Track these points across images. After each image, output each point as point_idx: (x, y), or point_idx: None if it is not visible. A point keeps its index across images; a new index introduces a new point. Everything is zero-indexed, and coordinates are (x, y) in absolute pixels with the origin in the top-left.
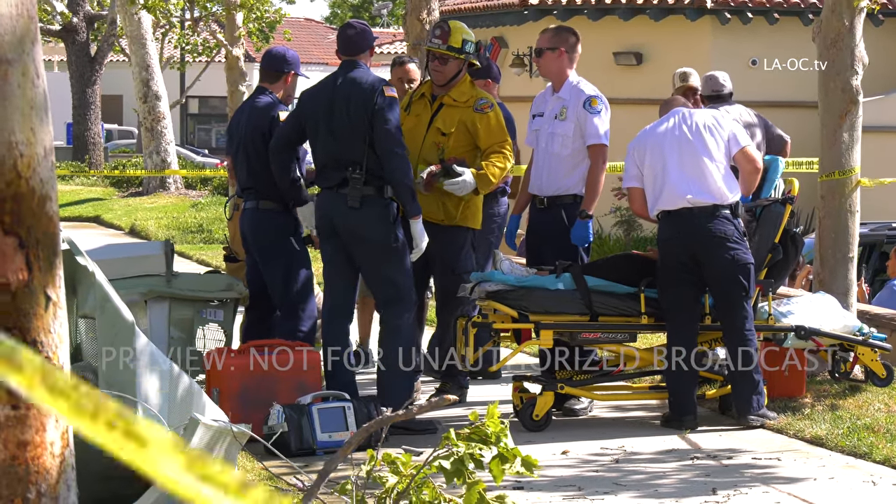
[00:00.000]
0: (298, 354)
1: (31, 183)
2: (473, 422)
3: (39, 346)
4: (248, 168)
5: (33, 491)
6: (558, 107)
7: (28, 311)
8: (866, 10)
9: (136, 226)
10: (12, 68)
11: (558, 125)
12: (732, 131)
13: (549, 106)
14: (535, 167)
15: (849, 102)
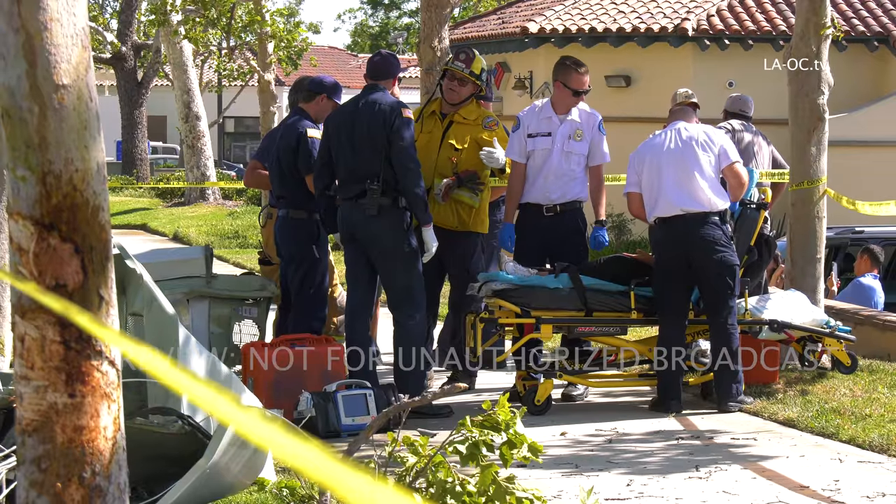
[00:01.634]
0: (324, 347)
1: (85, 195)
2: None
3: (94, 341)
4: (280, 180)
5: (88, 471)
6: (572, 129)
7: (85, 308)
8: (832, 37)
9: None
10: (68, 93)
11: (575, 145)
12: (723, 147)
13: (560, 128)
14: (541, 180)
15: (816, 119)
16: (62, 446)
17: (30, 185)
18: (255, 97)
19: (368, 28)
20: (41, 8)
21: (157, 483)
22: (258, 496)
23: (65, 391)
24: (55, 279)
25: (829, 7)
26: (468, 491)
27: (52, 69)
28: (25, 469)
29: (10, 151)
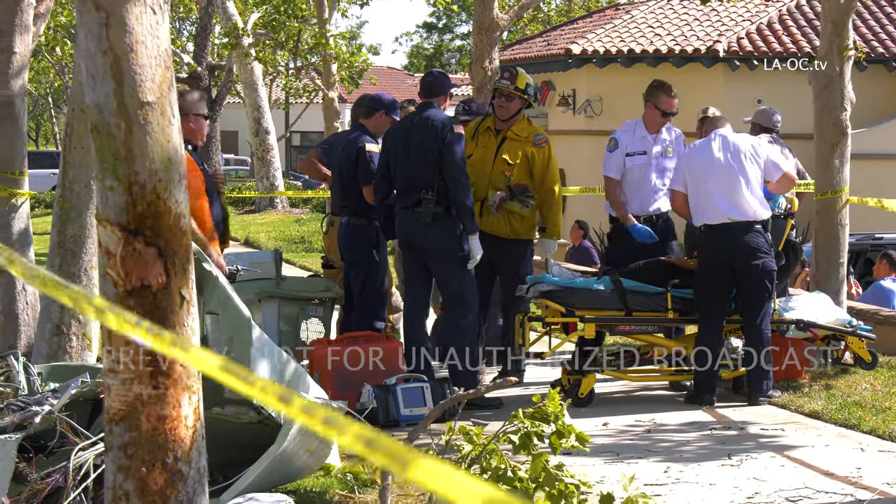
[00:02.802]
0: (384, 344)
1: (167, 203)
2: (536, 402)
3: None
4: (341, 190)
5: (171, 456)
6: (664, 147)
7: (166, 308)
8: (853, 58)
9: (250, 238)
10: (153, 109)
11: (666, 161)
12: (770, 158)
13: (654, 146)
14: (639, 194)
15: (839, 134)
16: (147, 434)
17: (117, 194)
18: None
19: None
20: (127, 31)
21: (232, 468)
22: (325, 480)
23: (149, 383)
24: (140, 280)
25: (850, 31)
26: (520, 477)
27: (138, 87)
28: (113, 455)
29: (99, 163)
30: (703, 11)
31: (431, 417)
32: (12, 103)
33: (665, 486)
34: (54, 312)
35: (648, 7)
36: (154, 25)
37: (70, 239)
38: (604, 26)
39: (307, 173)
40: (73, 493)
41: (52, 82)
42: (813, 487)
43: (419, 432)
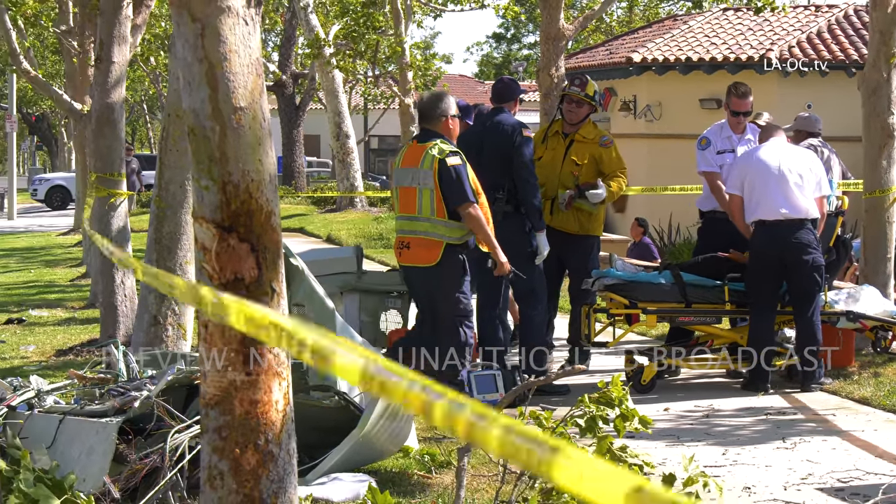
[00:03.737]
0: None
1: (259, 202)
2: (601, 388)
3: None
4: None
5: (262, 439)
6: (748, 145)
7: (258, 300)
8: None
9: (331, 235)
10: (245, 114)
11: None
12: (820, 178)
13: (738, 145)
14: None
15: (886, 136)
16: (240, 417)
17: (212, 193)
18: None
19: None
20: (221, 41)
21: (317, 450)
22: (403, 462)
23: (242, 370)
24: (234, 274)
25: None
26: None
27: (231, 94)
28: (208, 437)
29: (195, 164)
30: (756, 22)
31: (504, 403)
32: (112, 110)
33: (723, 468)
34: (151, 304)
35: (705, 18)
36: (246, 36)
37: (166, 236)
38: (662, 36)
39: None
40: (170, 472)
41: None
42: (863, 469)
43: None
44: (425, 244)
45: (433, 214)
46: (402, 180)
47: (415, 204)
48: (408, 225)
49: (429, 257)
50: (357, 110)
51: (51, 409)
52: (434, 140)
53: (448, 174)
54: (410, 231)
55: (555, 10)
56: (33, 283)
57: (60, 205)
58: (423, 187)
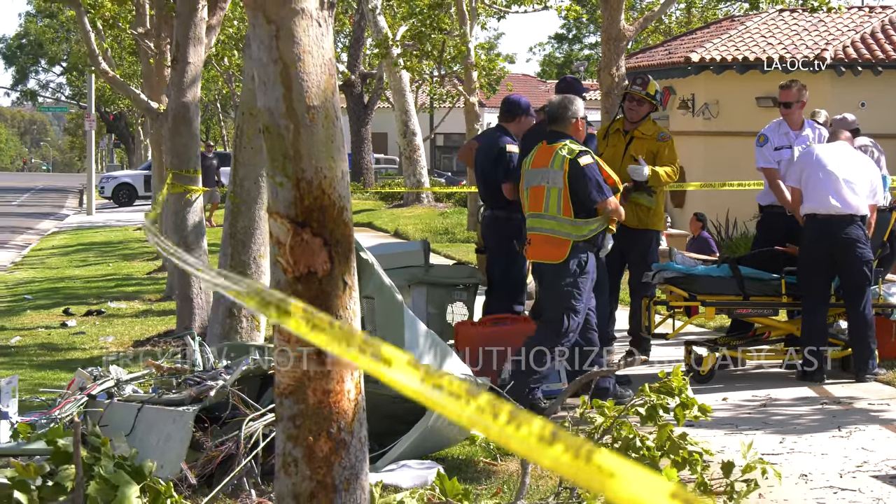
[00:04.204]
0: (523, 325)
1: (332, 197)
2: (661, 378)
3: (339, 319)
4: (484, 186)
5: (335, 427)
6: (805, 142)
7: (331, 292)
8: None
9: (399, 229)
10: (318, 112)
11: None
12: (875, 187)
13: (796, 141)
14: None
15: None
16: (313, 406)
17: (286, 189)
18: (461, 116)
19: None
20: (295, 42)
21: (386, 438)
22: (470, 449)
23: (315, 361)
24: (307, 267)
25: None
26: (647, 445)
27: (305, 93)
28: (283, 425)
29: (270, 162)
30: (811, 22)
31: (568, 392)
32: (187, 109)
33: (780, 455)
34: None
35: (761, 19)
36: (319, 37)
37: (240, 231)
38: (720, 36)
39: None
40: (244, 459)
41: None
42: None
43: (557, 406)
44: (552, 242)
45: (559, 213)
46: (532, 180)
47: (542, 202)
48: (535, 222)
49: (556, 254)
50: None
51: (130, 398)
52: (563, 141)
53: (581, 174)
54: (536, 228)
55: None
56: (111, 276)
57: (127, 201)
58: (552, 186)
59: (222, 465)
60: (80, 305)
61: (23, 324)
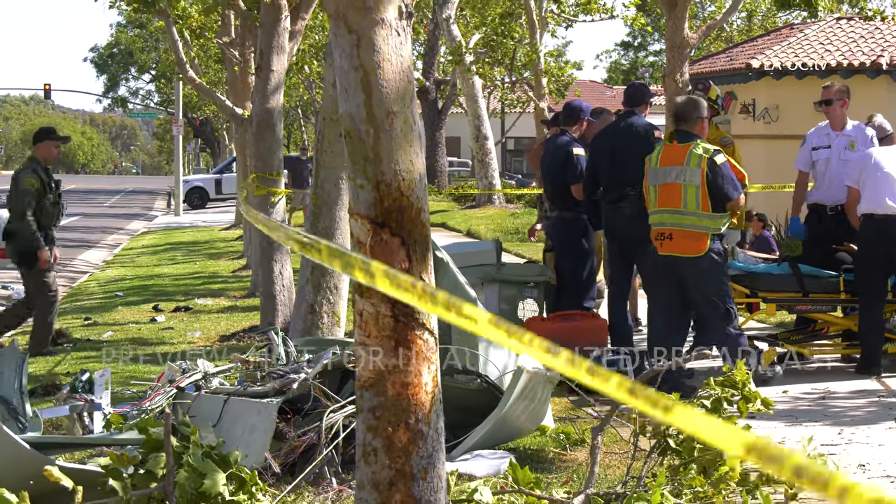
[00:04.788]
0: (591, 321)
1: (410, 199)
2: (725, 372)
3: (417, 315)
4: (552, 188)
5: (413, 418)
6: (847, 142)
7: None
8: None
9: (471, 229)
10: (397, 117)
11: (850, 154)
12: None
13: (836, 141)
14: (825, 184)
15: None
16: (392, 399)
17: (366, 191)
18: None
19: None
20: (375, 51)
21: (461, 429)
22: (540, 440)
23: (394, 355)
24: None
25: None
26: None
27: (384, 99)
28: (363, 417)
29: (351, 165)
30: (867, 30)
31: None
32: (271, 114)
33: (839, 446)
34: (308, 294)
35: (819, 26)
36: (398, 45)
37: (322, 231)
38: (780, 43)
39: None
40: (325, 449)
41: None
42: None
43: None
44: (692, 236)
45: (698, 209)
46: (662, 177)
47: (680, 199)
48: (671, 218)
49: (696, 248)
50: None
51: (216, 391)
52: (693, 140)
53: (718, 172)
54: (675, 224)
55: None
56: (198, 274)
57: (199, 204)
58: (689, 183)
59: (304, 455)
60: (169, 302)
61: (114, 319)
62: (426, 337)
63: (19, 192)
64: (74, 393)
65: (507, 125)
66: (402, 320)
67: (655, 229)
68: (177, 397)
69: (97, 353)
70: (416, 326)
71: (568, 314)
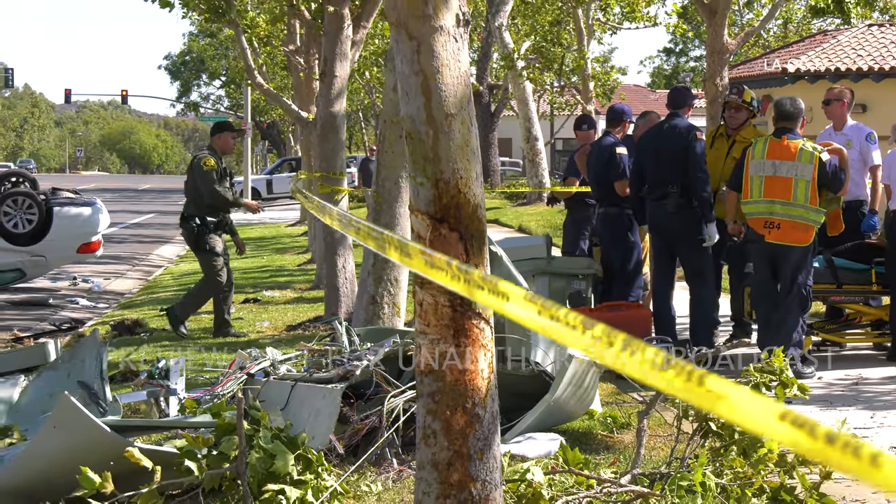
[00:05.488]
0: (635, 311)
1: (467, 196)
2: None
3: (474, 305)
4: (597, 185)
5: (470, 402)
6: (844, 140)
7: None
8: None
9: (522, 225)
10: (455, 119)
11: (849, 153)
12: None
13: (836, 139)
14: None
15: None
16: (450, 384)
17: (426, 189)
18: None
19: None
20: (435, 56)
21: (513, 413)
22: (589, 423)
23: (452, 342)
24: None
25: None
26: None
27: (443, 102)
28: (423, 401)
29: (412, 164)
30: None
31: None
32: (334, 117)
33: (871, 430)
34: (370, 286)
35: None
36: (456, 51)
37: (382, 226)
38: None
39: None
40: (387, 432)
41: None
42: None
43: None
44: (801, 227)
45: (807, 202)
46: (770, 170)
47: (790, 191)
48: (782, 209)
49: (804, 238)
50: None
51: (284, 377)
52: (799, 138)
53: (825, 168)
54: (784, 214)
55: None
56: (266, 267)
57: None
58: (800, 178)
59: (367, 437)
60: (239, 294)
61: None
62: (482, 326)
63: (202, 174)
64: (151, 379)
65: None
66: (460, 310)
67: (761, 217)
68: (247, 383)
69: (172, 342)
70: (473, 316)
71: (614, 304)
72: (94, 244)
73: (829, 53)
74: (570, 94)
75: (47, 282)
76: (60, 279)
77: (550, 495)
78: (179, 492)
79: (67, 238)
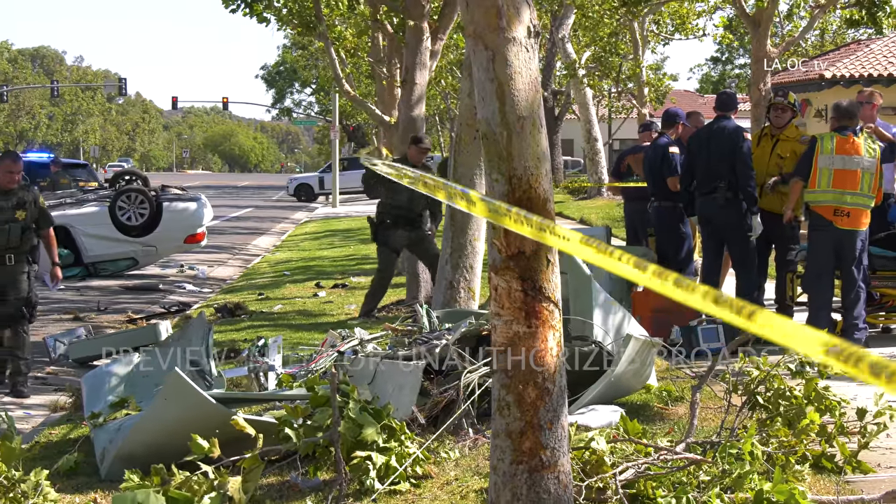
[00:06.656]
0: None
1: (538, 191)
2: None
3: (543, 290)
4: (652, 182)
5: (540, 378)
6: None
7: (537, 268)
8: None
9: (583, 217)
10: (526, 122)
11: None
12: None
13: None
14: None
15: None
16: (523, 361)
17: (500, 184)
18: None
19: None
20: (508, 65)
21: (578, 387)
22: (646, 396)
23: (524, 323)
24: (517, 249)
25: None
26: (795, 395)
27: (516, 106)
28: (498, 376)
29: (487, 162)
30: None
31: (728, 350)
32: (415, 121)
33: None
34: (448, 272)
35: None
36: (527, 60)
37: (459, 220)
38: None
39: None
40: (464, 404)
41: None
42: None
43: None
44: (864, 214)
45: (870, 191)
46: (841, 164)
47: (858, 182)
48: (852, 199)
49: (865, 223)
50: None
51: (370, 354)
52: (859, 135)
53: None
54: (854, 203)
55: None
56: (352, 256)
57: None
58: (866, 171)
59: (445, 409)
60: (328, 280)
61: (283, 295)
62: (551, 308)
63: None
64: (252, 356)
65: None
66: (531, 294)
67: (831, 206)
68: (337, 360)
69: (270, 323)
70: (543, 299)
71: None
72: (199, 235)
73: (863, 61)
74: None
75: (157, 269)
76: (169, 267)
77: (612, 461)
78: (278, 457)
79: (175, 230)
